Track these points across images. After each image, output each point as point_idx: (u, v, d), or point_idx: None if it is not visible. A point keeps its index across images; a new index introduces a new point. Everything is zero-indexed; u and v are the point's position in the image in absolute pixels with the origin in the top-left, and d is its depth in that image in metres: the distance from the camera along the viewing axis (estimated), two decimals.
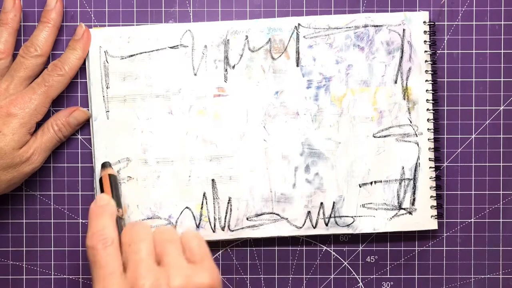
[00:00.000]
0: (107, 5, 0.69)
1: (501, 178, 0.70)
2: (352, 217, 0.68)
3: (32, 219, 0.70)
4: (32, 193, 0.70)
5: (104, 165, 0.67)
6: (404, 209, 0.68)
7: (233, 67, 0.68)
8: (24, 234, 0.70)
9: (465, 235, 0.70)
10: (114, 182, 0.65)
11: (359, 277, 0.70)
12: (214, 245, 0.70)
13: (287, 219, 0.68)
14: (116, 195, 0.64)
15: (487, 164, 0.70)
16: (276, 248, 0.70)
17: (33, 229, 0.70)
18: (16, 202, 0.70)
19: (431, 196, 0.68)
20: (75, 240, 0.70)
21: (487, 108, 0.69)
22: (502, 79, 0.69)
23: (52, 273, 0.70)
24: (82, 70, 0.68)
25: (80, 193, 0.70)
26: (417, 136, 0.68)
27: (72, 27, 0.69)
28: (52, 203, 0.70)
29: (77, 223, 0.70)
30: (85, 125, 0.69)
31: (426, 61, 0.68)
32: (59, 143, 0.68)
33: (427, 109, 0.68)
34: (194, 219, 0.68)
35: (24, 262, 0.70)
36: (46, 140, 0.67)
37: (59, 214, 0.70)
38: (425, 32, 0.68)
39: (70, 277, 0.70)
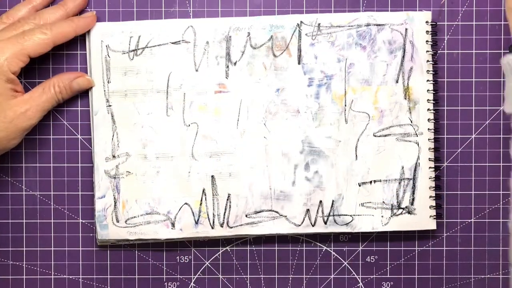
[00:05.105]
0: (107, 5, 0.69)
1: (501, 178, 0.70)
2: (351, 215, 0.68)
3: (32, 219, 0.70)
4: (32, 193, 0.70)
5: None
6: (403, 208, 0.68)
7: (235, 63, 0.68)
8: (24, 234, 0.70)
9: (465, 235, 0.70)
10: None
11: (359, 277, 0.70)
12: (214, 245, 0.70)
13: (286, 216, 0.68)
14: None
15: (487, 164, 0.70)
16: (276, 248, 0.70)
17: (33, 229, 0.70)
18: (16, 202, 0.70)
19: (430, 196, 0.68)
20: (75, 240, 0.70)
21: (487, 108, 0.70)
22: (502, 79, 0.69)
23: (52, 273, 0.70)
24: (83, 65, 0.68)
25: (80, 193, 0.70)
26: (417, 136, 0.68)
27: None
28: (52, 203, 0.70)
29: (77, 223, 0.70)
30: (85, 124, 0.69)
31: (427, 61, 0.68)
32: (57, 104, 0.67)
33: (428, 109, 0.68)
34: (193, 215, 0.68)
35: (24, 262, 0.70)
36: (45, 99, 0.65)
37: (59, 214, 0.70)
38: (427, 32, 0.68)
39: (70, 277, 0.70)
